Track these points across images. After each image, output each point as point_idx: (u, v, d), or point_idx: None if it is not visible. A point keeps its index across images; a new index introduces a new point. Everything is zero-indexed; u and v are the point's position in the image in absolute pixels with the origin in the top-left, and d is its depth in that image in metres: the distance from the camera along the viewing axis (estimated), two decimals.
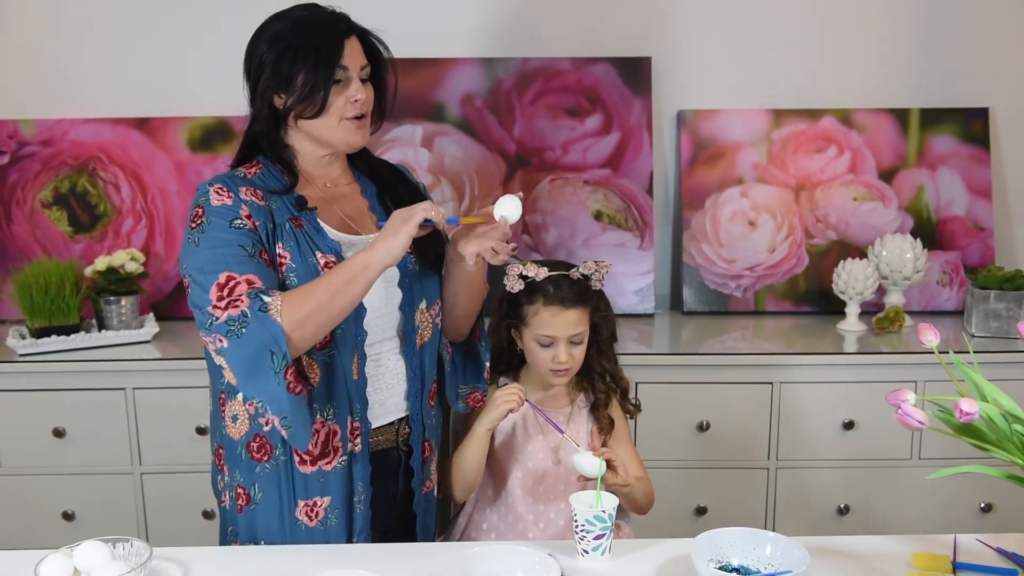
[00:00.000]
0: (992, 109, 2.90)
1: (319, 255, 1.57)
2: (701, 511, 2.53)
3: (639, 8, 2.87)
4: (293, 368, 1.48)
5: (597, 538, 1.52)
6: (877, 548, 1.55)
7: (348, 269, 1.49)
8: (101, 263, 2.57)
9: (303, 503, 1.61)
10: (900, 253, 2.67)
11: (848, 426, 2.48)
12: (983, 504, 2.53)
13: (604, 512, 1.52)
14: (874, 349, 2.51)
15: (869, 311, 2.75)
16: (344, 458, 1.61)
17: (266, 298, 1.47)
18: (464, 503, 1.88)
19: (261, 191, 1.59)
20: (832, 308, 2.79)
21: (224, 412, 1.64)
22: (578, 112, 2.86)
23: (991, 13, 2.87)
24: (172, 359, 2.44)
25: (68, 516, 2.48)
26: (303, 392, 1.50)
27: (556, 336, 1.77)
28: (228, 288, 1.48)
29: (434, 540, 1.82)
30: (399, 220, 1.50)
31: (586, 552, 1.52)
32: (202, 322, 1.49)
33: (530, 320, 1.79)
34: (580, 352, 1.81)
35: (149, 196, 2.82)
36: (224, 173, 1.64)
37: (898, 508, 2.53)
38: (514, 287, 1.77)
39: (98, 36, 2.81)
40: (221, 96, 2.48)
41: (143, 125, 2.82)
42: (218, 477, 1.70)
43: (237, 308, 1.46)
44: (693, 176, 2.88)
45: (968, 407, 1.23)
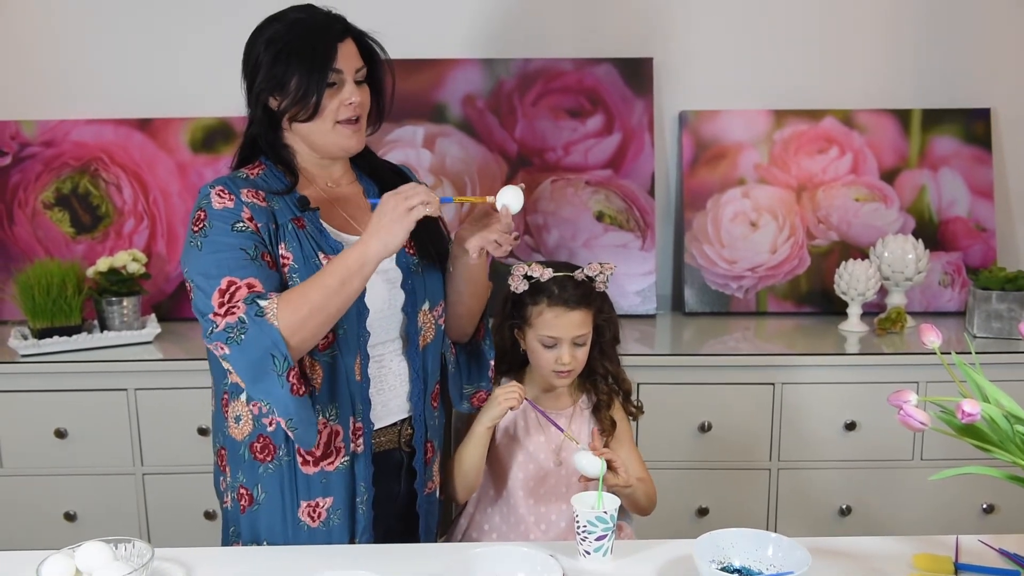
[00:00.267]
0: (994, 109, 2.89)
1: (322, 256, 1.57)
2: (703, 512, 2.53)
3: (640, 9, 2.87)
4: (296, 370, 1.48)
5: (599, 539, 1.52)
6: (879, 549, 1.55)
7: (344, 267, 1.48)
8: (103, 264, 2.58)
9: (305, 504, 1.61)
10: (902, 254, 2.67)
11: (850, 427, 2.48)
12: (985, 505, 2.53)
13: (606, 513, 1.52)
14: (876, 350, 2.51)
15: (871, 312, 2.75)
16: (347, 459, 1.61)
17: (262, 302, 1.46)
18: (466, 504, 1.88)
19: (263, 192, 1.59)
20: (834, 309, 2.79)
21: (227, 413, 1.64)
22: (579, 113, 2.86)
23: (993, 13, 2.87)
24: (174, 360, 2.44)
25: (70, 517, 2.48)
26: (306, 393, 1.50)
27: (560, 337, 1.77)
28: (229, 294, 1.48)
29: (436, 541, 1.83)
30: (394, 213, 1.46)
31: (588, 553, 1.53)
32: (204, 329, 1.50)
33: (534, 321, 1.79)
34: (583, 354, 1.81)
35: (151, 197, 2.83)
36: (226, 175, 1.64)
37: (900, 509, 2.52)
38: (518, 287, 1.77)
39: (99, 37, 2.82)
40: (223, 97, 2.49)
41: (145, 126, 2.83)
42: (220, 478, 1.70)
43: (234, 315, 1.46)
44: (695, 177, 2.88)
45: (970, 408, 1.23)
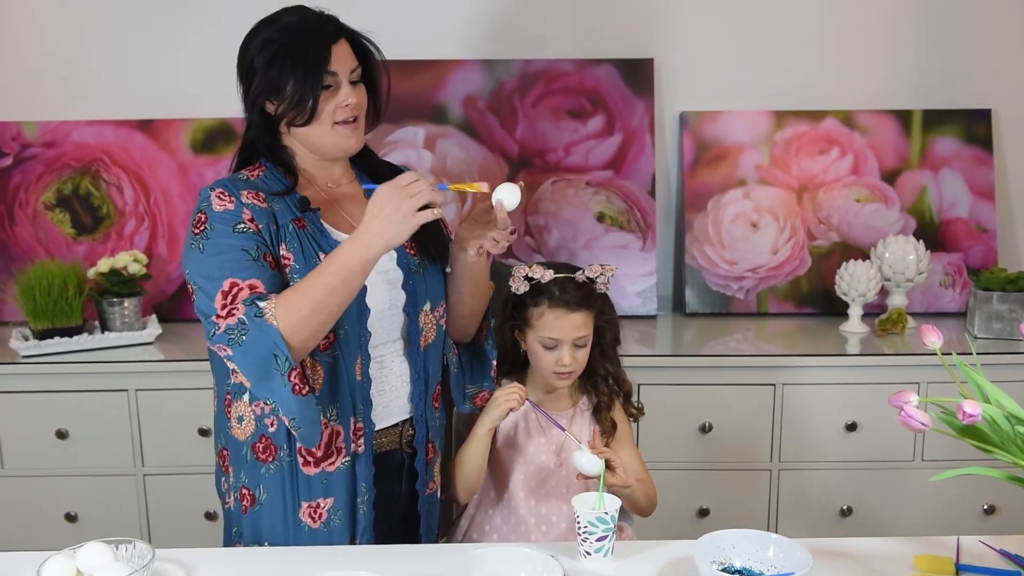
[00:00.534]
0: (995, 110, 2.89)
1: (323, 256, 1.57)
2: (703, 513, 2.53)
3: (641, 9, 2.87)
4: (298, 370, 1.48)
5: (600, 540, 1.52)
6: (880, 550, 1.55)
7: (345, 265, 1.47)
8: (104, 265, 2.58)
9: (306, 504, 1.61)
10: (903, 255, 2.67)
11: (851, 428, 2.48)
12: (986, 506, 2.53)
13: (607, 514, 1.52)
14: (877, 351, 2.51)
15: (872, 313, 2.75)
16: (347, 459, 1.61)
17: (261, 303, 1.47)
18: (466, 505, 1.88)
19: (263, 193, 1.60)
20: (834, 310, 2.79)
21: (230, 413, 1.64)
22: (580, 114, 2.86)
23: (993, 14, 2.87)
24: (175, 360, 2.44)
25: (71, 517, 2.49)
26: (308, 393, 1.50)
27: (560, 339, 1.77)
28: (231, 295, 1.48)
29: (436, 542, 1.83)
30: (397, 213, 1.45)
31: (588, 554, 1.53)
32: (207, 331, 1.51)
33: (535, 322, 1.79)
34: (584, 355, 1.81)
35: (152, 198, 2.83)
36: (226, 177, 1.64)
37: (901, 510, 2.52)
38: (519, 288, 1.77)
39: (100, 38, 2.82)
40: (224, 98, 2.44)
41: (146, 127, 2.83)
42: (222, 478, 1.70)
43: (234, 316, 1.47)
44: (695, 178, 2.88)
45: (971, 409, 1.23)
